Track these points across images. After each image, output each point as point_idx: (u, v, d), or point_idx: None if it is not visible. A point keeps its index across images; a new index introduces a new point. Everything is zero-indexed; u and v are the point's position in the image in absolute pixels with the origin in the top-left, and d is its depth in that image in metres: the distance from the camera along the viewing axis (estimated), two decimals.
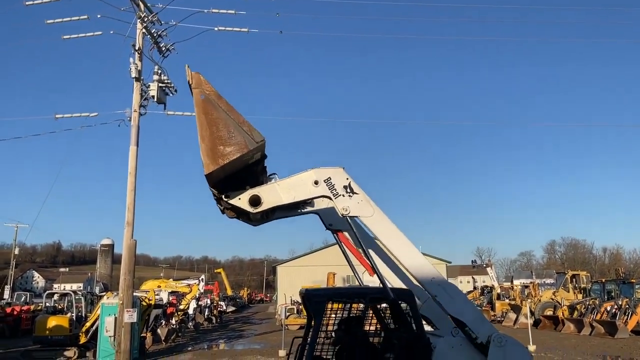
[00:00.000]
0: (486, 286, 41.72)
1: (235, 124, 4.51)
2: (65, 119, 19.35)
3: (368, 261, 4.67)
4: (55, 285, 76.60)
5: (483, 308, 32.25)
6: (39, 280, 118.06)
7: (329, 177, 4.60)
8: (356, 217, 4.57)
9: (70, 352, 18.00)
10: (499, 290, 35.22)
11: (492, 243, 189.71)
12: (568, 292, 29.42)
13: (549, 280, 54.92)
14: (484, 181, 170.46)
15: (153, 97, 18.50)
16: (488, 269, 39.79)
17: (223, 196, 4.58)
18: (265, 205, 4.53)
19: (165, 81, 18.82)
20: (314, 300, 4.77)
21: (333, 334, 5.20)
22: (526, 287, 34.08)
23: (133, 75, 18.26)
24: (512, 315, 28.18)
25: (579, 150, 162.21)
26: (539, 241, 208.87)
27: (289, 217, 4.94)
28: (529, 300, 28.35)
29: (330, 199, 4.61)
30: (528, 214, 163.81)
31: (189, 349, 20.83)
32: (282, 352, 17.55)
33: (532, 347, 16.36)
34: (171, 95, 19.42)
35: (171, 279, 37.06)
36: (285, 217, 4.93)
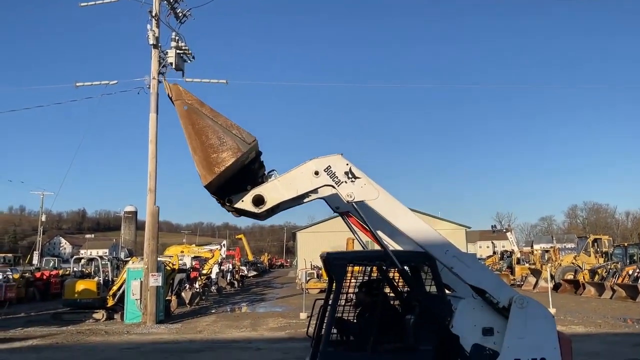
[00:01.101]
0: (506, 251, 41.64)
1: (224, 129, 4.46)
2: (86, 87, 19.51)
3: (378, 241, 4.68)
4: (82, 251, 78.84)
5: (502, 272, 32.31)
6: (65, 246, 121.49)
7: (329, 166, 4.57)
8: (361, 201, 4.53)
9: (99, 315, 18.65)
10: (518, 255, 35.16)
11: (512, 208, 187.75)
12: (589, 256, 29.23)
13: (569, 245, 54.48)
14: (504, 145, 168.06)
15: (171, 64, 18.49)
16: (508, 234, 39.62)
17: (225, 201, 4.57)
18: (269, 204, 4.52)
19: (183, 48, 18.75)
20: (334, 264, 4.82)
21: (354, 297, 5.28)
22: (546, 251, 33.91)
23: (151, 42, 18.23)
24: (532, 280, 28.20)
25: (600, 114, 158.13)
26: (560, 206, 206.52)
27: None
28: (549, 264, 28.27)
29: (333, 187, 4.56)
30: (549, 178, 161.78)
31: (213, 311, 21.39)
32: (303, 315, 17.92)
33: (552, 310, 16.42)
34: (189, 62, 19.37)
35: (194, 245, 37.79)
36: (292, 207, 4.91)
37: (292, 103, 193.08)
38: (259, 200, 4.46)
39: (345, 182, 4.52)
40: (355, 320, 5.21)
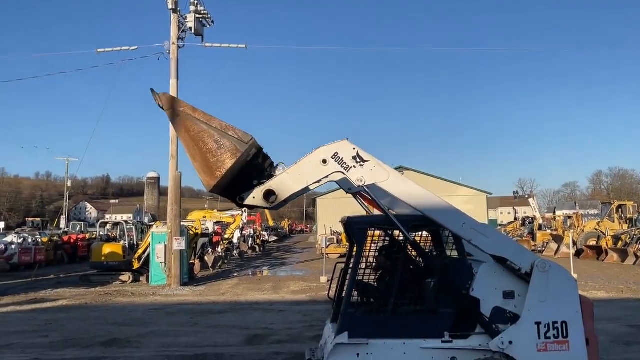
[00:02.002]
0: (527, 217, 41.36)
1: (220, 132, 4.41)
2: (107, 53, 19.55)
3: (392, 221, 4.66)
4: (107, 216, 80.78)
5: (524, 238, 32.18)
6: (91, 211, 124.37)
7: (336, 152, 4.53)
8: (372, 184, 4.50)
9: (125, 277, 19.21)
10: (540, 221, 34.90)
11: (535, 174, 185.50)
12: (613, 222, 28.85)
13: (593, 211, 53.80)
14: (527, 110, 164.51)
15: (190, 29, 18.38)
16: (530, 200, 39.24)
17: (237, 199, 4.57)
18: (280, 198, 4.53)
19: (202, 12, 18.58)
20: (356, 227, 4.86)
21: (374, 261, 5.33)
22: (569, 217, 33.58)
23: (170, 6, 18.09)
24: (554, 246, 28.03)
25: (626, 77, 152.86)
26: (584, 172, 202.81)
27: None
28: (572, 230, 28.01)
29: (342, 173, 4.53)
30: (573, 144, 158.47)
31: (235, 275, 21.84)
32: (323, 279, 18.18)
33: (573, 276, 16.36)
34: (208, 26, 19.22)
35: (215, 210, 38.29)
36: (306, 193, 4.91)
37: (312, 68, 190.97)
38: (269, 195, 4.46)
39: (354, 166, 4.49)
40: (375, 284, 5.27)
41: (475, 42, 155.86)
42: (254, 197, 4.50)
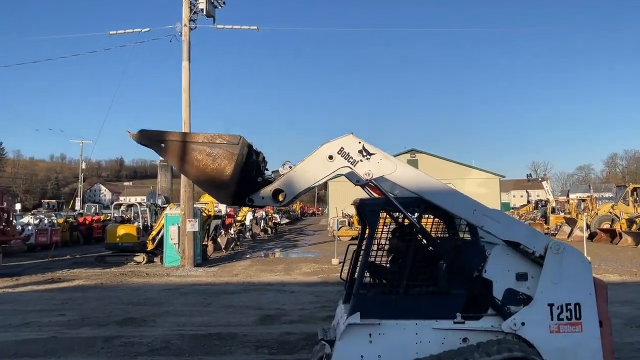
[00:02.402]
0: (540, 200, 41.06)
1: (208, 144, 4.39)
2: (119, 35, 19.57)
3: (402, 212, 4.67)
4: (121, 198, 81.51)
5: (536, 221, 31.98)
6: (105, 193, 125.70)
7: (342, 147, 4.50)
8: (380, 177, 4.49)
9: (139, 258, 19.48)
10: (554, 204, 34.62)
11: (549, 157, 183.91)
12: (628, 205, 28.52)
13: (607, 194, 53.24)
14: (542, 92, 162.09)
15: (202, 10, 18.29)
16: (543, 183, 38.93)
17: (247, 200, 4.57)
18: (289, 197, 4.53)
19: None
20: (368, 209, 4.86)
21: (386, 242, 5.34)
22: (583, 200, 33.26)
23: None
24: (567, 229, 27.85)
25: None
26: (599, 155, 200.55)
27: None
28: (585, 213, 27.78)
29: (349, 168, 4.51)
30: (588, 126, 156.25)
31: (247, 256, 22.04)
32: (334, 261, 18.28)
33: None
34: (220, 7, 19.11)
35: None
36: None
37: (324, 49, 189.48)
38: (278, 194, 4.48)
39: (361, 160, 4.48)
40: (387, 265, 5.29)
41: (489, 21, 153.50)
42: (262, 198, 4.52)
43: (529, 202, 48.33)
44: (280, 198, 4.45)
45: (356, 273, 4.99)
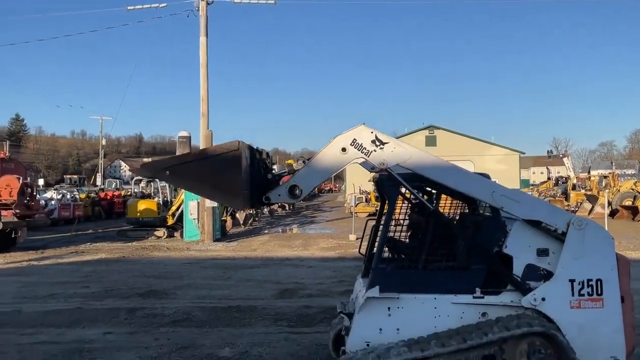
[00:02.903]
0: (561, 177, 40.48)
1: (210, 156, 4.38)
2: (137, 11, 19.55)
3: (419, 199, 4.64)
4: None
5: (557, 198, 31.60)
6: (125, 169, 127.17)
7: (354, 139, 4.47)
8: (395, 165, 4.46)
9: (160, 232, 19.81)
10: (574, 181, 34.10)
11: (570, 133, 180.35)
12: None
13: (630, 171, 52.24)
14: (564, 65, 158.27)
15: None
16: (564, 159, 38.23)
17: (263, 199, 4.58)
18: (305, 192, 4.53)
19: None
20: (387, 184, 4.84)
21: (406, 218, 5.34)
22: (604, 177, 32.69)
23: None
24: (587, 205, 27.46)
25: None
26: (622, 131, 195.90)
27: None
28: (607, 190, 27.35)
29: (363, 158, 4.49)
30: (611, 101, 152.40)
31: (265, 232, 22.26)
32: (352, 237, 18.37)
33: None
34: None
35: None
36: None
37: (342, 23, 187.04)
38: (294, 190, 4.48)
39: (375, 150, 4.45)
40: (407, 240, 5.30)
41: None
42: (279, 195, 4.55)
43: (549, 178, 47.66)
44: (297, 193, 4.48)
45: (375, 248, 5.01)
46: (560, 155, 39.89)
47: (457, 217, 5.26)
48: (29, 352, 6.20)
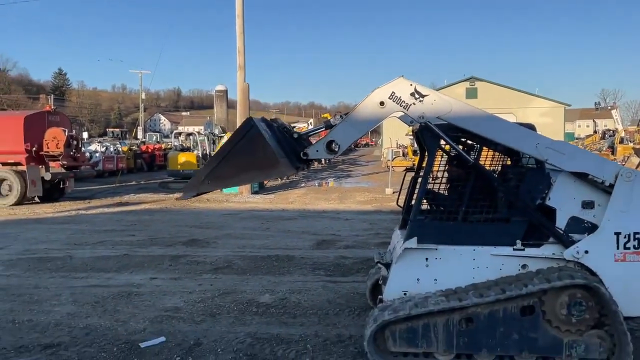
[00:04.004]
0: (608, 130, 38.91)
1: (233, 149, 4.35)
2: None
3: (458, 152, 4.50)
4: (180, 127, 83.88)
5: (602, 152, 30.51)
6: (165, 122, 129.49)
7: (393, 92, 4.31)
8: (435, 118, 4.30)
9: None
10: (622, 134, 32.77)
11: (620, 84, 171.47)
12: None
13: None
14: (614, 15, 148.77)
15: None
16: (613, 112, 36.63)
17: (302, 156, 4.52)
18: (342, 147, 4.44)
19: None
20: (427, 136, 4.76)
21: (446, 168, 5.26)
22: None
23: None
24: (635, 160, 26.39)
25: None
26: None
27: None
28: None
29: (402, 112, 4.34)
30: None
31: (302, 185, 22.46)
32: (388, 190, 18.35)
33: None
34: None
35: None
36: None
37: None
38: (331, 145, 4.42)
39: (414, 103, 4.32)
40: (446, 192, 5.24)
41: None
42: (317, 150, 4.52)
43: (595, 132, 45.94)
44: (334, 148, 4.45)
45: (413, 200, 4.98)
46: (609, 108, 38.25)
47: (499, 169, 5.14)
48: (81, 295, 6.57)
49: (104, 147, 29.73)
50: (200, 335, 5.18)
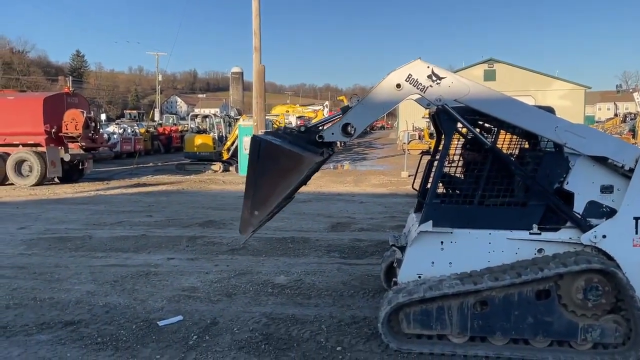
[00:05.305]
0: (630, 113, 38.11)
1: (256, 169, 4.35)
2: None
3: (477, 137, 4.45)
4: (196, 109, 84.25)
5: (623, 136, 29.95)
6: (181, 104, 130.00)
7: (409, 74, 4.24)
8: (453, 100, 4.23)
9: (216, 167, 20.43)
10: None
11: None
12: None
13: None
14: None
15: None
16: (635, 94, 35.82)
17: (317, 139, 4.49)
18: (358, 130, 4.40)
19: None
20: (444, 118, 4.72)
21: (462, 152, 5.22)
22: None
23: None
24: None
25: None
26: None
27: None
28: None
29: (419, 94, 4.29)
30: None
31: None
32: (404, 173, 18.28)
33: None
34: None
35: (297, 105, 38.72)
36: None
37: None
38: (347, 128, 4.39)
39: (431, 85, 4.25)
40: (462, 176, 5.21)
41: None
42: (332, 133, 4.49)
43: (616, 115, 45.05)
44: (350, 131, 4.42)
45: (429, 183, 4.96)
46: (631, 90, 37.41)
47: (517, 153, 5.09)
48: (101, 274, 6.70)
49: (122, 129, 30.01)
50: (217, 314, 5.26)
